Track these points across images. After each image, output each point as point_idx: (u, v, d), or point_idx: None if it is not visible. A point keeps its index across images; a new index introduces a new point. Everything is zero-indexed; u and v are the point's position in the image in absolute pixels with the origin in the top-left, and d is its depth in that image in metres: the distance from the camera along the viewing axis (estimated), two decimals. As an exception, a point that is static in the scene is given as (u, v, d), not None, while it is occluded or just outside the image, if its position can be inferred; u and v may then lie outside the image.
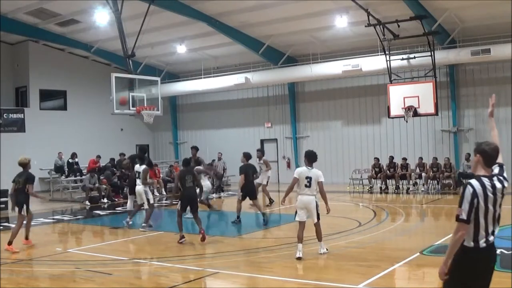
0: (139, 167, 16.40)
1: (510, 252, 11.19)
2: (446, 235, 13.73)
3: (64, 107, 34.55)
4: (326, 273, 10.39)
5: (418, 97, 24.19)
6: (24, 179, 13.82)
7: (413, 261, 11.04)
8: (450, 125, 29.16)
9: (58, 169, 29.30)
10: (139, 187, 16.29)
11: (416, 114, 24.44)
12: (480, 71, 28.33)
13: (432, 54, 24.76)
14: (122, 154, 29.48)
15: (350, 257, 11.76)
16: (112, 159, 29.02)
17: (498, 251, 11.13)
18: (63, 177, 28.85)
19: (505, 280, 9.21)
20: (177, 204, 14.22)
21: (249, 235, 15.06)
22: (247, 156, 18.29)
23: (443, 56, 26.42)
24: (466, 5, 24.52)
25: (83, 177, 27.00)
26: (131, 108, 22.26)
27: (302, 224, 11.77)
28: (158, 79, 24.45)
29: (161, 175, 29.81)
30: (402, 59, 26.17)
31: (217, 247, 13.21)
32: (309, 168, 11.74)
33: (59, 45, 33.04)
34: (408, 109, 24.35)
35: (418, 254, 11.49)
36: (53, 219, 20.10)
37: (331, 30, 28.19)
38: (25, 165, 14.17)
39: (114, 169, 28.07)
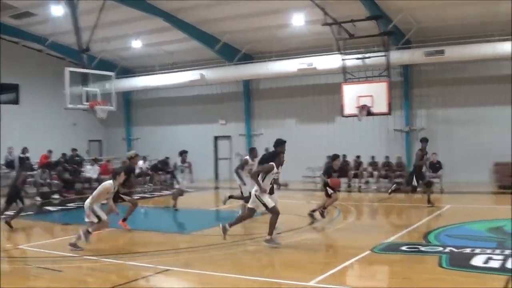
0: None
1: (459, 250, 11.36)
2: (396, 233, 13.92)
3: (16, 101, 33.99)
4: (278, 270, 10.42)
5: (372, 96, 24.34)
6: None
7: (364, 258, 11.11)
8: (402, 124, 29.51)
9: (9, 164, 28.82)
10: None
11: (369, 113, 24.61)
12: (433, 72, 28.73)
13: (387, 54, 24.97)
14: (74, 150, 29.19)
15: (302, 255, 11.80)
16: (64, 154, 28.69)
17: (447, 250, 11.36)
18: (14, 172, 28.38)
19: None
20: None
21: (201, 232, 15.02)
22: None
23: (398, 56, 26.67)
24: (421, 6, 24.79)
25: (34, 172, 26.59)
26: (84, 103, 22.08)
27: None
28: (113, 74, 24.29)
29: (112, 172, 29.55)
30: (357, 58, 26.34)
31: (169, 244, 13.13)
32: None
33: (13, 37, 32.48)
34: (362, 108, 24.50)
35: (369, 251, 11.57)
36: (4, 214, 19.77)
37: (288, 28, 28.28)
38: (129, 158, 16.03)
39: (66, 165, 27.76)
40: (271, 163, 12.70)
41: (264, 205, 12.53)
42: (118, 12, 26.19)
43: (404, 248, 11.99)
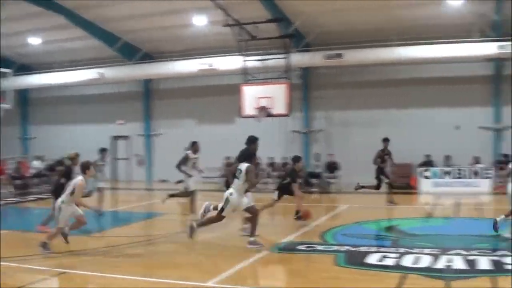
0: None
1: (355, 249, 11.63)
2: (294, 232, 14.09)
3: None
4: (175, 271, 10.36)
5: (271, 98, 24.48)
6: None
7: (262, 258, 11.19)
8: (301, 126, 29.96)
9: None
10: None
11: (269, 114, 24.77)
12: (332, 75, 29.32)
13: (287, 56, 25.21)
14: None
15: (198, 255, 11.80)
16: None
17: (344, 248, 11.61)
18: None
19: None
20: None
21: (99, 234, 14.80)
22: None
23: (298, 58, 26.90)
24: (322, 10, 25.29)
25: None
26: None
27: None
28: (10, 71, 23.66)
29: (7, 172, 28.77)
30: (258, 60, 26.47)
31: (66, 246, 12.84)
32: None
33: None
34: (261, 109, 24.63)
35: (267, 251, 11.68)
36: None
37: (190, 28, 28.18)
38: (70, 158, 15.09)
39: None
40: (250, 165, 12.22)
41: (222, 207, 12.16)
42: (17, 8, 25.49)
43: (301, 247, 12.14)
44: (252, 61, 25.83)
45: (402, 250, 11.44)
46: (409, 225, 15.34)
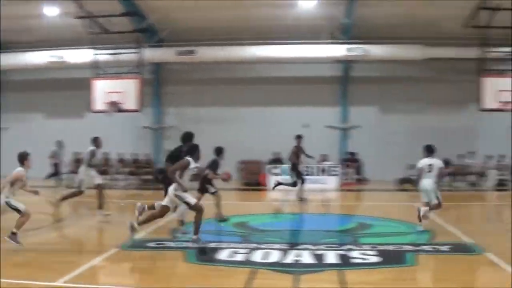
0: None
1: (206, 245, 11.65)
2: (144, 229, 13.95)
3: None
4: (22, 270, 9.97)
5: (122, 92, 24.24)
6: None
7: (112, 256, 11.03)
8: (152, 122, 29.78)
9: None
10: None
11: (119, 109, 24.48)
12: (184, 71, 29.34)
13: (139, 51, 25.01)
14: None
15: (47, 253, 11.44)
16: None
17: (195, 245, 11.60)
18: None
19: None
20: None
21: None
22: None
23: (151, 54, 26.87)
24: (176, 6, 25.38)
25: None
26: None
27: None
28: None
29: None
30: (110, 54, 26.06)
31: None
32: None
33: None
34: (112, 104, 24.31)
35: (117, 249, 11.51)
36: None
37: (41, 19, 27.23)
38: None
39: None
40: (187, 158, 11.91)
41: (186, 203, 11.77)
42: None
43: (151, 244, 12.07)
44: (103, 55, 25.43)
45: (251, 245, 11.62)
46: (259, 221, 15.60)
